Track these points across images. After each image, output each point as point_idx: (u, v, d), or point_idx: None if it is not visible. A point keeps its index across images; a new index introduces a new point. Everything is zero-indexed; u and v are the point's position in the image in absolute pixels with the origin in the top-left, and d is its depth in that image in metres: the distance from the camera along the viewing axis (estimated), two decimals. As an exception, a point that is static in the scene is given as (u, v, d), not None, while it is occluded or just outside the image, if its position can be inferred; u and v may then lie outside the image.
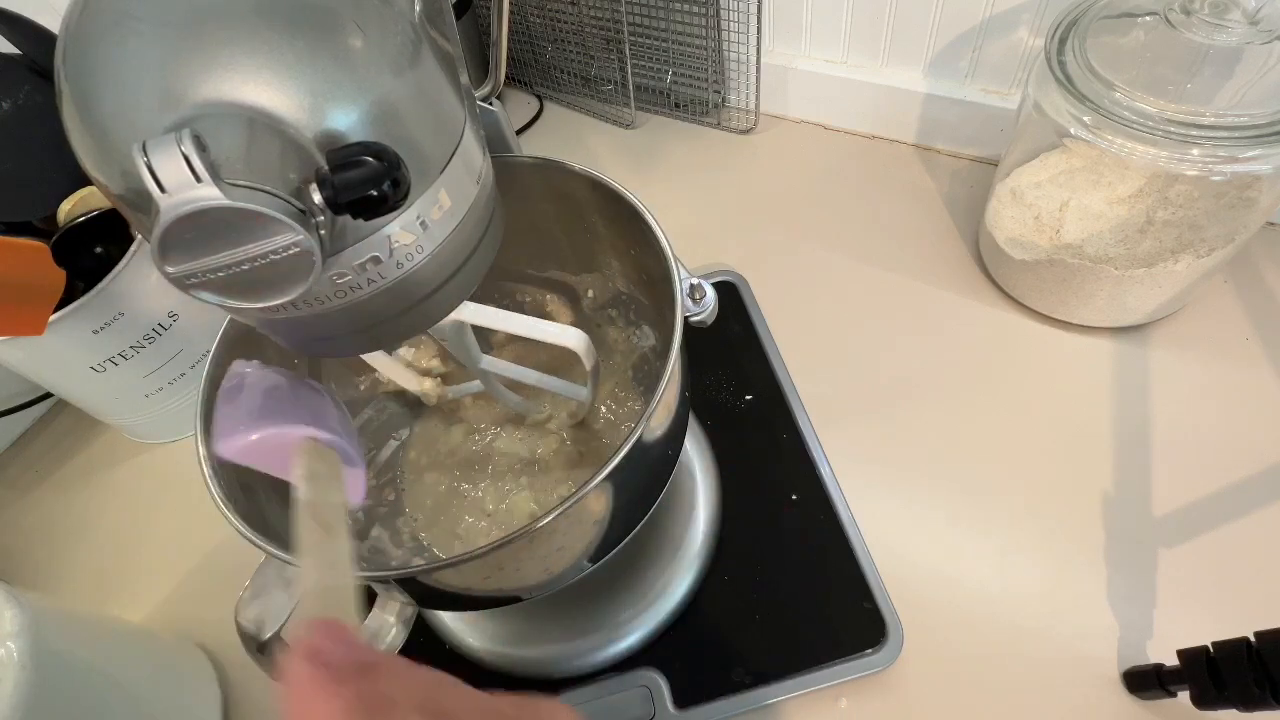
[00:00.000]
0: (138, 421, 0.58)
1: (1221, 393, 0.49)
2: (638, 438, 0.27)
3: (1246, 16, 0.42)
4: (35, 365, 0.52)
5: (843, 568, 0.44)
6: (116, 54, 0.19)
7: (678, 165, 0.71)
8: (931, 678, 0.41)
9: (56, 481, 0.60)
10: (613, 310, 0.46)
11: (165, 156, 0.16)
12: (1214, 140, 0.40)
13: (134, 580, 0.53)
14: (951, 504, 0.47)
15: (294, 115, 0.19)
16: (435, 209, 0.23)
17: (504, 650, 0.44)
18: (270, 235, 0.18)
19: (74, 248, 0.51)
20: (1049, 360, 0.52)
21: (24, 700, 0.32)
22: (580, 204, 0.38)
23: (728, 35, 0.67)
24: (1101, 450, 0.48)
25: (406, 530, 0.44)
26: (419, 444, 0.47)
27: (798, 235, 0.63)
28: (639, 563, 0.44)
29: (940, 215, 0.62)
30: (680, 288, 0.31)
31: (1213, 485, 0.45)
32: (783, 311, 0.57)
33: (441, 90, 0.23)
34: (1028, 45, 0.57)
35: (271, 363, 0.37)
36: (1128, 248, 0.47)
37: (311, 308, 0.23)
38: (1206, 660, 0.35)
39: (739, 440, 0.51)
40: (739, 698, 0.41)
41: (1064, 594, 0.43)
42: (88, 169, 0.20)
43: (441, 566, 0.27)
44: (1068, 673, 0.40)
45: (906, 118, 0.66)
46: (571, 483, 0.44)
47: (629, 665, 0.43)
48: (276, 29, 0.19)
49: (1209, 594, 0.42)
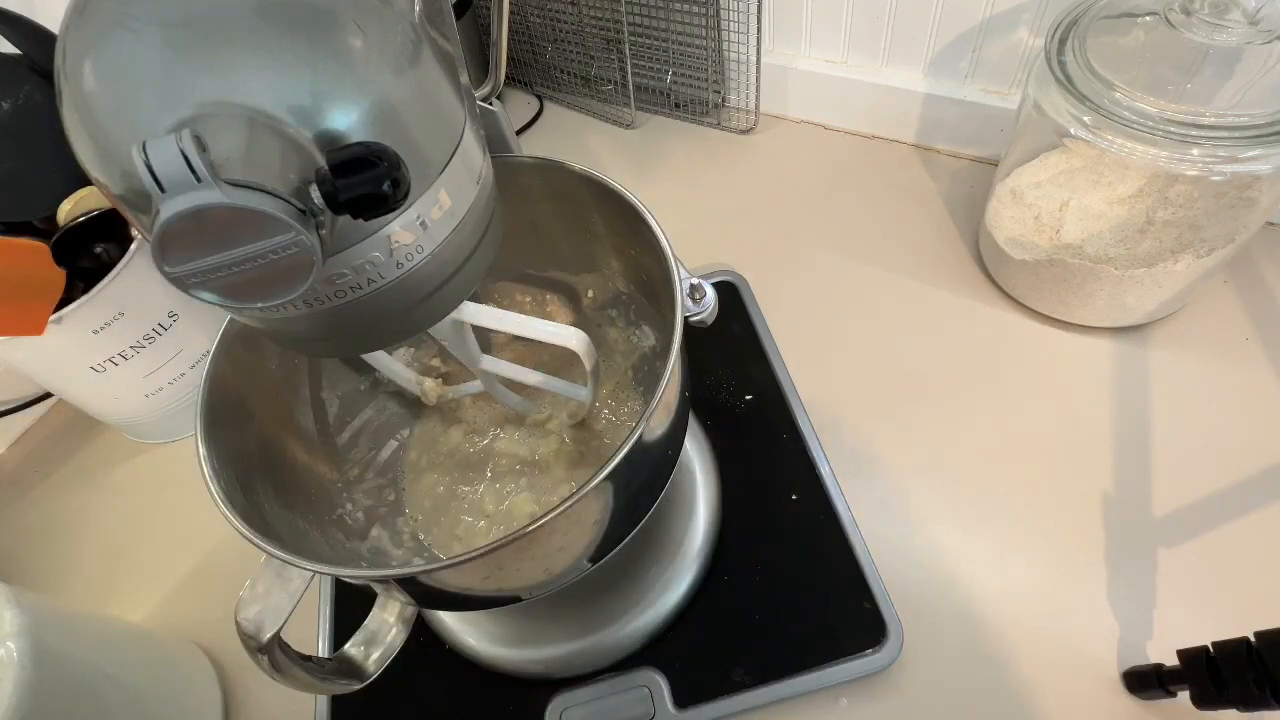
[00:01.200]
0: (138, 421, 0.58)
1: (1221, 393, 0.49)
2: (638, 438, 0.27)
3: (1246, 16, 0.41)
4: (35, 365, 0.52)
5: (843, 568, 0.44)
6: (116, 54, 0.19)
7: (678, 165, 0.71)
8: (931, 678, 0.41)
9: (56, 481, 0.60)
10: (613, 310, 0.46)
11: (165, 156, 0.16)
12: (1214, 140, 0.40)
13: (134, 580, 0.53)
14: (951, 504, 0.47)
15: (294, 115, 0.19)
16: (435, 209, 0.23)
17: (504, 650, 0.44)
18: (270, 235, 0.18)
19: (74, 248, 0.51)
20: (1049, 360, 0.52)
21: (24, 700, 0.32)
22: (580, 204, 0.38)
23: (728, 35, 0.67)
24: (1101, 450, 0.48)
25: (406, 530, 0.44)
26: (419, 444, 0.47)
27: (798, 235, 0.63)
28: (639, 563, 0.44)
29: (940, 215, 0.62)
30: (680, 288, 0.31)
31: (1213, 485, 0.45)
32: (783, 311, 0.57)
33: (441, 90, 0.23)
34: (1028, 45, 0.57)
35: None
36: (1128, 248, 0.47)
37: (311, 308, 0.23)
38: (1206, 660, 0.34)
39: (739, 440, 0.51)
40: (739, 698, 0.41)
41: (1064, 594, 0.43)
42: (88, 169, 0.20)
43: (441, 567, 0.27)
44: (1068, 673, 0.40)
45: (906, 118, 0.66)
46: (572, 483, 0.44)
47: (629, 665, 0.43)
48: (277, 29, 0.19)
49: (1209, 594, 0.42)
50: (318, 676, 0.31)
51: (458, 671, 0.44)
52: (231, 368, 0.34)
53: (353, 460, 0.44)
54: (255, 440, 0.35)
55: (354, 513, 0.42)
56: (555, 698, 0.42)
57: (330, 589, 0.48)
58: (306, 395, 0.41)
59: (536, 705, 0.42)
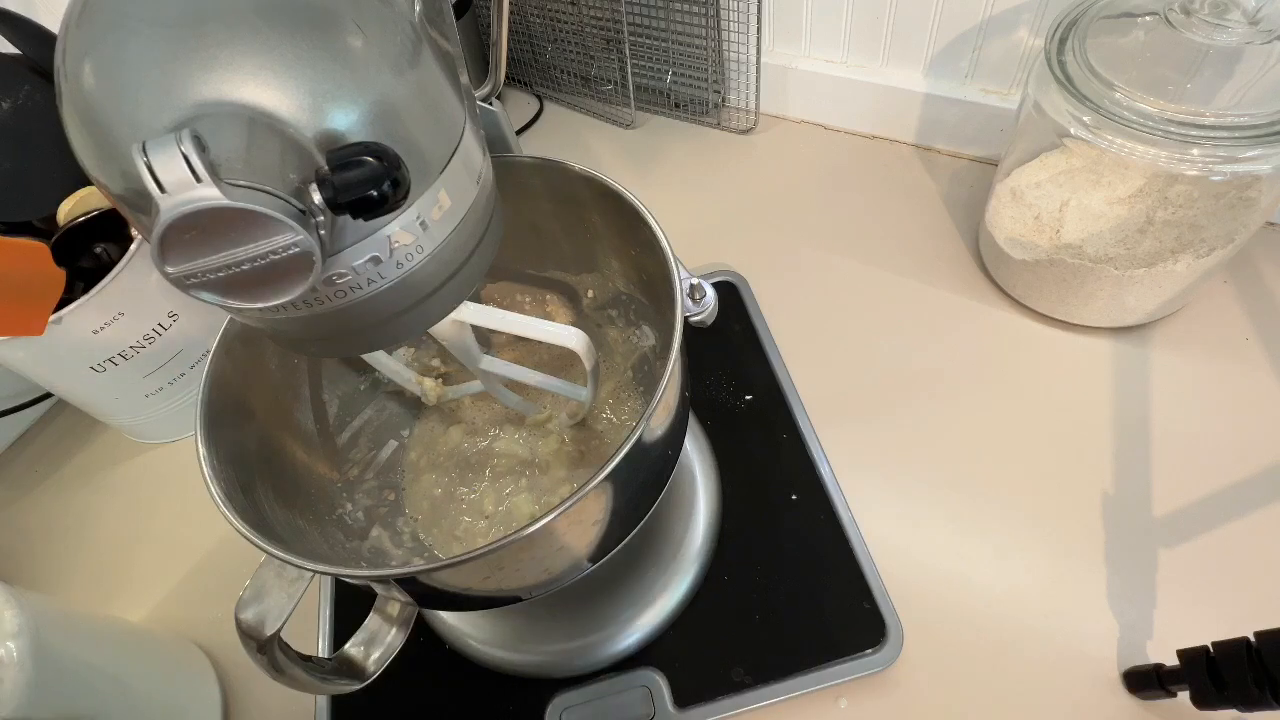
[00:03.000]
0: (138, 421, 0.58)
1: (1221, 393, 0.49)
2: (638, 438, 0.27)
3: (1246, 16, 0.41)
4: (35, 365, 0.52)
5: (843, 568, 0.44)
6: (116, 54, 0.19)
7: (678, 165, 0.71)
8: (931, 678, 0.41)
9: (56, 481, 0.60)
10: (613, 310, 0.46)
11: (165, 156, 0.16)
12: (1214, 140, 0.40)
13: (134, 580, 0.53)
14: (951, 504, 0.47)
15: (294, 115, 0.19)
16: (435, 209, 0.23)
17: (504, 650, 0.44)
18: (270, 235, 0.18)
19: (74, 248, 0.51)
20: (1049, 360, 0.52)
21: (24, 700, 0.32)
22: (580, 204, 0.38)
23: (728, 35, 0.67)
24: (1101, 450, 0.48)
25: (407, 530, 0.44)
26: (419, 444, 0.47)
27: (798, 235, 0.63)
28: (639, 563, 0.44)
29: (940, 215, 0.62)
30: (680, 288, 0.31)
31: (1213, 485, 0.45)
32: (783, 311, 0.57)
33: (441, 90, 0.23)
34: (1028, 45, 0.57)
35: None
36: (1128, 248, 0.47)
37: (311, 308, 0.23)
38: (1206, 660, 0.34)
39: (739, 440, 0.51)
40: (739, 698, 0.41)
41: (1064, 594, 0.43)
42: (88, 169, 0.20)
43: (441, 566, 0.27)
44: (1068, 673, 0.40)
45: (906, 118, 0.66)
46: (571, 483, 0.44)
47: (629, 665, 0.43)
48: (277, 29, 0.19)
49: (1209, 594, 0.42)
50: (318, 676, 0.31)
51: (458, 671, 0.44)
52: (231, 368, 0.34)
53: (353, 460, 0.44)
54: (255, 440, 0.35)
55: (354, 513, 0.42)
56: (555, 698, 0.42)
57: (330, 589, 0.48)
58: (306, 395, 0.41)
59: (536, 705, 0.42)
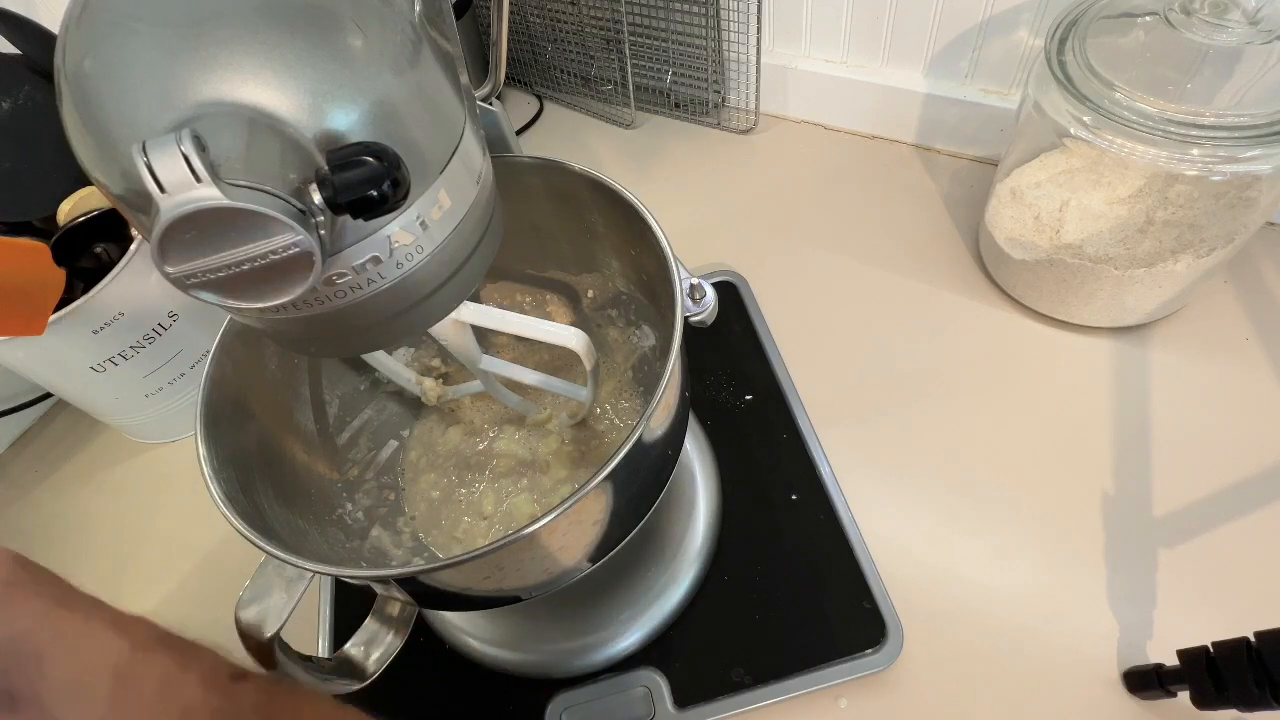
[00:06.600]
0: (138, 421, 0.58)
1: (1221, 393, 0.49)
2: (638, 438, 0.27)
3: (1246, 16, 0.41)
4: (35, 365, 0.52)
5: (843, 568, 0.44)
6: (116, 54, 0.19)
7: (678, 165, 0.71)
8: (931, 678, 0.41)
9: (56, 481, 0.60)
10: (613, 310, 0.46)
11: (165, 156, 0.16)
12: (1214, 140, 0.40)
13: (134, 580, 0.53)
14: (951, 504, 0.47)
15: (294, 115, 0.19)
16: (435, 209, 0.23)
17: (504, 650, 0.44)
18: (270, 235, 0.18)
19: (74, 248, 0.51)
20: (1049, 360, 0.52)
21: (24, 700, 0.32)
22: (580, 204, 0.38)
23: (728, 35, 0.67)
24: (1101, 450, 0.47)
25: (407, 530, 0.44)
26: (419, 444, 0.47)
27: (798, 235, 0.63)
28: (639, 563, 0.44)
29: (940, 215, 0.62)
30: (680, 288, 0.31)
31: (1213, 485, 0.45)
32: (783, 311, 0.57)
33: (441, 90, 0.23)
34: (1028, 45, 0.57)
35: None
36: (1128, 248, 0.47)
37: (311, 308, 0.23)
38: (1206, 660, 0.34)
39: (739, 440, 0.51)
40: (739, 698, 0.41)
41: (1064, 594, 0.43)
42: (88, 169, 0.20)
43: (441, 566, 0.27)
44: (1068, 673, 0.40)
45: (906, 118, 0.66)
46: (572, 483, 0.44)
47: (629, 665, 0.43)
48: (277, 29, 0.19)
49: (1209, 594, 0.42)
50: (318, 677, 0.31)
51: (458, 671, 0.44)
52: (231, 368, 0.34)
53: (353, 460, 0.44)
54: (255, 440, 0.35)
55: (354, 513, 0.42)
56: (555, 698, 0.42)
57: (330, 589, 0.48)
58: (306, 395, 0.41)
59: (536, 705, 0.42)
